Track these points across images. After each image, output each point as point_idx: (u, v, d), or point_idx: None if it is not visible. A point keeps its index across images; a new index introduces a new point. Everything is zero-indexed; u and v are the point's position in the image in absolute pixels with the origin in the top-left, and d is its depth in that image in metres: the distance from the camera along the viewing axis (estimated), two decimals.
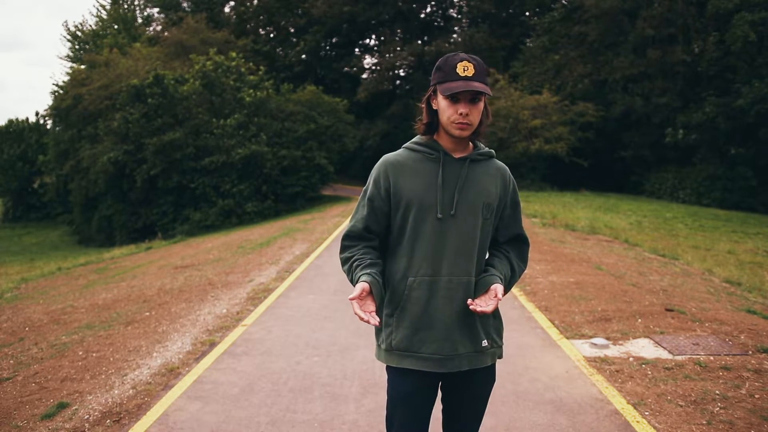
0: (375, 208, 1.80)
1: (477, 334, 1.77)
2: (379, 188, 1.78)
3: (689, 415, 3.17)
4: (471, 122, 1.70)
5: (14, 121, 38.84)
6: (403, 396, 1.79)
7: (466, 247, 1.74)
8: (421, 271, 1.73)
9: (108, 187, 25.18)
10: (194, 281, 7.87)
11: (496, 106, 25.88)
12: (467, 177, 1.75)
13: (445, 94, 1.66)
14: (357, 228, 1.82)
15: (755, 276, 7.72)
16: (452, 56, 1.70)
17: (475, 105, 1.69)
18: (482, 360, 1.80)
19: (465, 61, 1.67)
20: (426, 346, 1.73)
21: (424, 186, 1.73)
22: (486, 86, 1.68)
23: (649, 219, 15.89)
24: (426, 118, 1.78)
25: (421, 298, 1.73)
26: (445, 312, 1.73)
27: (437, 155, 1.76)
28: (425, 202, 1.73)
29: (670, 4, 25.16)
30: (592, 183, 27.49)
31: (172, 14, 39.37)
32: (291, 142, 25.13)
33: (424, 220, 1.73)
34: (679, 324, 4.83)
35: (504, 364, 4.06)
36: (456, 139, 1.74)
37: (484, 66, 1.70)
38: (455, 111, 1.68)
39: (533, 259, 8.16)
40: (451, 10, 39.71)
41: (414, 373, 1.76)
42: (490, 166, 1.82)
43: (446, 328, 1.73)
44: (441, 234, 1.72)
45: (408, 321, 1.75)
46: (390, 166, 1.78)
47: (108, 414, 3.41)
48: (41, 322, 6.27)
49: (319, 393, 3.61)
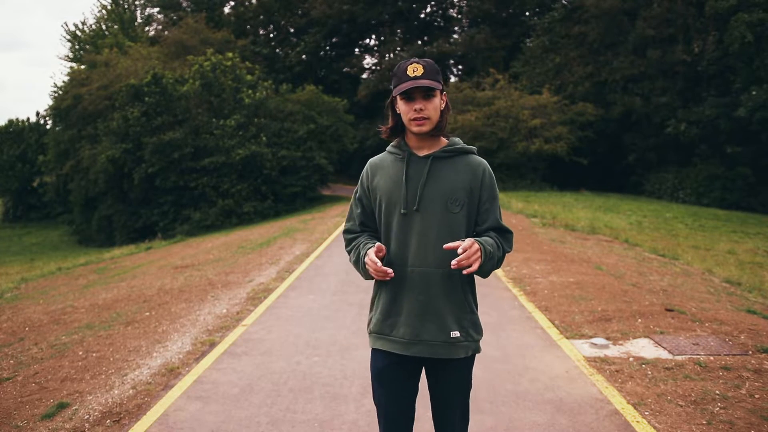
0: (365, 206, 2.01)
1: (445, 324, 1.87)
2: (364, 187, 2.01)
3: (689, 415, 3.17)
4: (427, 116, 1.83)
5: (14, 121, 38.82)
6: (376, 372, 1.98)
7: (430, 239, 1.86)
8: (392, 262, 1.89)
9: (108, 187, 25.17)
10: (194, 281, 7.87)
11: (496, 106, 25.89)
12: (430, 173, 1.88)
13: (397, 94, 1.84)
14: (354, 224, 2.04)
15: (755, 276, 7.72)
16: (404, 62, 1.85)
17: (429, 101, 1.83)
18: (453, 351, 1.89)
19: (414, 63, 1.82)
20: (395, 330, 1.91)
21: (392, 184, 1.91)
22: (435, 82, 1.81)
23: (649, 219, 15.90)
24: (390, 122, 1.95)
25: (392, 286, 1.90)
26: (411, 300, 1.87)
27: (404, 155, 1.92)
28: (392, 198, 1.90)
29: (670, 4, 25.17)
30: (592, 183, 27.49)
31: (172, 14, 39.38)
32: (291, 142, 25.13)
33: (392, 215, 1.91)
34: (679, 324, 4.83)
35: (504, 364, 4.06)
36: (419, 136, 1.89)
37: (434, 66, 1.84)
38: (411, 108, 1.83)
39: (533, 260, 8.16)
40: (451, 10, 39.73)
41: (385, 353, 1.94)
42: (460, 162, 1.92)
43: (411, 315, 1.87)
44: (406, 228, 1.88)
45: (382, 307, 1.94)
46: (370, 167, 2.01)
47: (108, 414, 3.41)
48: (41, 322, 6.27)
49: (319, 393, 3.61)
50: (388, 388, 1.96)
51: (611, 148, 28.34)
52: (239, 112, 24.20)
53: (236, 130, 23.78)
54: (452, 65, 39.99)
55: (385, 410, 1.99)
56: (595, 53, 28.32)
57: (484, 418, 3.20)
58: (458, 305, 1.89)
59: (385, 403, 1.98)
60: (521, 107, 25.58)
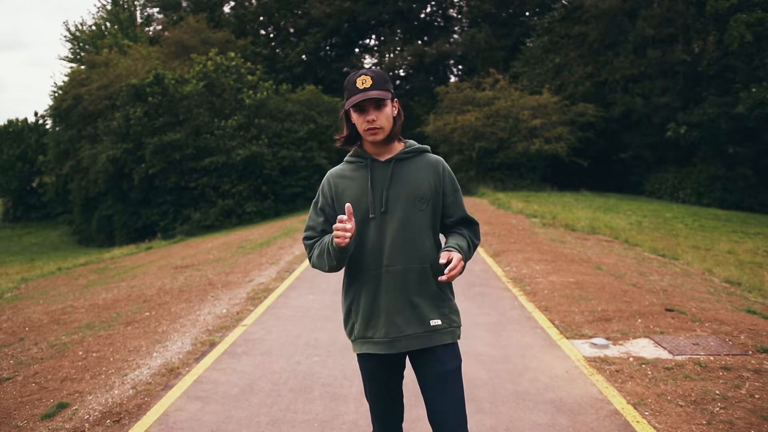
0: (327, 216, 2.03)
1: (424, 315, 1.94)
2: (326, 197, 2.03)
3: (689, 415, 3.17)
4: (380, 126, 1.89)
5: (14, 121, 38.82)
6: (367, 374, 2.06)
7: (402, 238, 1.92)
8: (367, 265, 1.94)
9: (108, 187, 25.18)
10: (194, 281, 7.87)
11: (497, 106, 25.88)
12: (394, 176, 1.95)
13: (348, 107, 1.90)
14: (315, 232, 2.05)
15: (755, 276, 7.72)
16: (354, 74, 1.91)
17: (380, 110, 1.88)
18: (437, 339, 1.95)
19: (363, 75, 1.87)
20: (377, 332, 1.95)
21: (359, 191, 1.96)
22: (384, 92, 1.86)
23: (649, 219, 15.89)
24: (345, 131, 2.01)
25: (369, 290, 1.95)
26: (389, 299, 1.93)
27: (366, 162, 1.98)
28: (361, 204, 1.95)
29: (670, 4, 25.15)
30: (592, 183, 27.47)
31: (172, 14, 39.37)
32: (291, 142, 25.13)
33: (362, 220, 1.94)
34: (679, 324, 4.83)
35: (504, 364, 4.06)
36: (375, 144, 1.95)
37: (382, 76, 1.90)
38: (364, 119, 1.89)
39: (533, 260, 8.16)
40: (451, 10, 39.69)
41: (372, 356, 2.00)
42: (420, 162, 1.99)
43: (390, 314, 1.93)
44: (378, 230, 1.94)
45: (361, 312, 1.98)
46: (332, 177, 2.04)
47: (108, 414, 3.41)
48: (41, 322, 6.27)
49: (319, 393, 3.61)
50: (381, 385, 2.06)
51: (611, 148, 28.31)
52: (240, 113, 24.20)
53: (237, 130, 23.78)
54: (452, 65, 39.98)
55: (377, 407, 2.10)
56: (595, 53, 28.30)
57: (484, 418, 3.20)
58: (435, 296, 1.97)
59: (378, 401, 2.09)
60: (521, 107, 25.56)
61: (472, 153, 25.72)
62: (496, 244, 9.70)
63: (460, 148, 26.24)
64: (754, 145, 22.95)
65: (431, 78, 37.10)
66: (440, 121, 26.90)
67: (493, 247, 9.43)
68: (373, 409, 2.12)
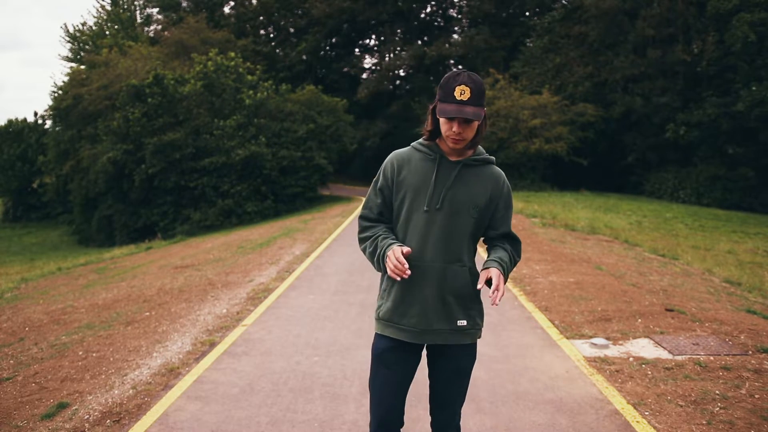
0: (385, 197, 2.05)
1: (453, 314, 1.99)
2: (387, 179, 2.04)
3: (689, 415, 3.17)
4: (464, 138, 1.91)
5: (14, 121, 38.81)
6: (379, 352, 2.05)
7: (448, 238, 1.97)
8: (410, 254, 1.93)
9: (108, 187, 25.16)
10: (194, 281, 7.87)
11: (497, 106, 25.88)
12: (458, 178, 1.98)
13: (440, 116, 1.88)
14: (372, 212, 2.08)
15: (755, 276, 7.72)
16: (453, 78, 1.86)
17: (468, 125, 1.89)
18: (460, 338, 2.02)
19: (463, 85, 1.83)
20: (406, 319, 1.99)
21: (420, 181, 1.98)
22: (478, 109, 1.85)
23: (649, 219, 15.89)
24: (430, 125, 2.01)
25: (407, 279, 1.93)
26: (425, 292, 1.96)
27: (435, 156, 2.00)
28: (419, 195, 1.97)
29: (670, 4, 25.16)
30: (592, 183, 27.48)
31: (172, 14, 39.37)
32: (291, 142, 25.13)
33: (415, 210, 1.98)
34: (679, 324, 4.83)
35: (504, 364, 4.06)
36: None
37: (481, 88, 1.86)
38: (450, 128, 1.89)
39: (533, 260, 8.16)
40: (451, 10, 39.72)
41: (391, 339, 2.02)
42: (484, 171, 2.03)
43: (424, 305, 1.97)
44: (428, 224, 1.96)
45: (394, 296, 2.01)
46: (397, 159, 2.05)
47: (108, 414, 3.41)
48: (41, 322, 6.27)
49: (319, 393, 3.61)
50: (389, 368, 2.03)
51: (611, 148, 28.32)
52: (239, 113, 24.20)
53: (236, 130, 23.78)
54: (452, 65, 39.97)
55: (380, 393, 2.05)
56: (595, 53, 28.31)
57: (484, 418, 3.20)
58: (468, 297, 2.01)
59: (382, 385, 2.04)
60: (521, 107, 25.57)
61: None
62: None
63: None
64: (754, 145, 22.96)
65: (431, 78, 37.11)
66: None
67: None
68: (373, 397, 2.07)
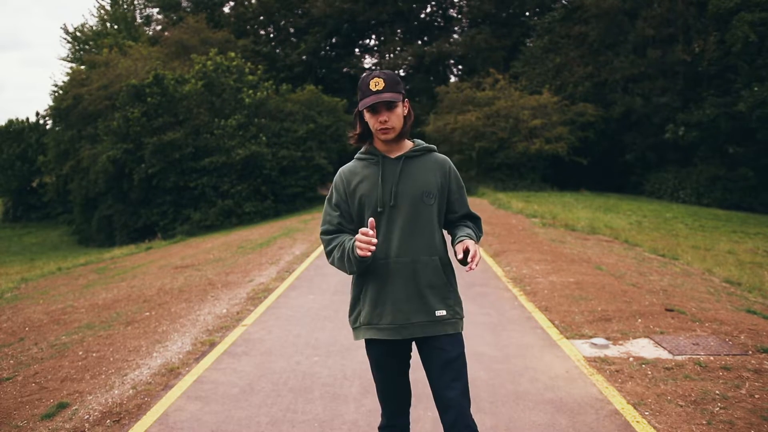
0: (342, 210, 2.14)
1: (430, 306, 2.04)
2: (340, 193, 2.14)
3: (689, 415, 3.17)
4: (392, 126, 2.01)
5: (14, 121, 38.80)
6: (374, 360, 2.15)
7: (409, 231, 2.04)
8: (376, 256, 2.03)
9: (108, 187, 25.16)
10: (194, 281, 7.87)
11: (497, 106, 25.88)
12: (403, 172, 2.07)
13: (361, 109, 2.02)
14: (332, 225, 2.14)
15: (755, 276, 7.72)
16: (367, 75, 2.00)
17: (392, 111, 2.00)
18: (441, 328, 2.06)
19: (376, 77, 1.98)
20: (383, 318, 2.05)
21: (371, 186, 2.07)
22: (395, 94, 1.98)
23: (649, 219, 15.89)
24: (358, 129, 2.12)
25: (377, 279, 2.05)
26: (396, 288, 2.03)
27: (377, 159, 2.09)
28: (372, 198, 2.06)
29: (671, 4, 25.15)
30: (592, 183, 27.47)
31: (172, 14, 39.36)
32: (291, 142, 25.13)
33: (374, 213, 2.06)
34: (679, 324, 4.83)
35: (504, 364, 4.06)
36: (386, 142, 2.07)
37: (394, 77, 2.00)
38: (376, 120, 2.00)
39: (533, 260, 8.16)
40: (451, 10, 39.70)
41: (378, 341, 2.09)
42: (427, 160, 2.12)
43: (398, 301, 2.03)
44: (387, 223, 2.05)
45: (369, 299, 2.08)
46: (344, 173, 2.16)
47: (108, 414, 3.41)
48: (41, 322, 6.27)
49: (319, 393, 3.61)
50: (388, 372, 2.15)
51: (611, 148, 28.31)
52: (240, 113, 24.20)
53: (236, 130, 23.78)
54: (452, 65, 39.99)
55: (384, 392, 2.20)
56: (595, 53, 28.30)
57: (484, 418, 3.20)
58: (442, 287, 2.07)
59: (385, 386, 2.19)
60: (521, 107, 25.56)
61: (473, 153, 25.74)
62: (496, 244, 9.70)
63: (461, 148, 26.25)
64: (754, 145, 22.95)
65: (431, 78, 37.11)
66: (440, 121, 26.91)
67: (493, 247, 9.43)
68: (380, 393, 2.22)
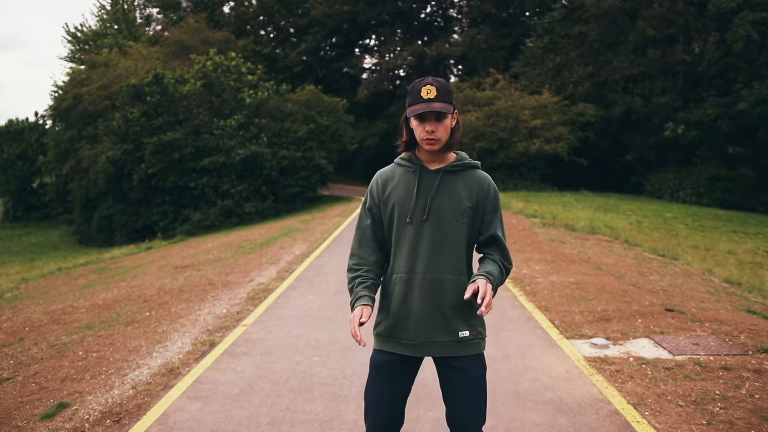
0: (374, 216, 2.07)
1: (454, 325, 1.97)
2: (374, 198, 2.07)
3: (689, 415, 3.17)
4: (438, 138, 1.92)
5: (14, 121, 38.82)
6: (376, 365, 2.04)
7: (440, 248, 1.96)
8: (401, 269, 1.99)
9: (108, 187, 25.18)
10: (194, 281, 7.87)
11: (497, 106, 25.89)
12: (441, 186, 1.99)
13: (410, 116, 1.92)
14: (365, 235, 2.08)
15: (755, 276, 7.72)
16: (419, 81, 1.93)
17: (440, 122, 1.91)
18: (464, 349, 1.98)
19: (428, 84, 1.89)
20: (404, 333, 1.98)
21: (405, 195, 2.00)
22: (447, 104, 1.89)
23: (649, 219, 15.89)
24: (405, 136, 2.03)
25: (400, 292, 1.98)
26: (420, 305, 1.96)
27: (415, 168, 2.01)
28: (404, 208, 1.99)
29: (671, 4, 25.15)
30: (592, 183, 27.48)
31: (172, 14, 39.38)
32: (291, 142, 25.14)
33: (403, 224, 1.99)
34: (679, 324, 4.83)
35: (504, 364, 4.06)
36: (430, 152, 1.99)
37: (447, 87, 1.92)
38: (423, 129, 1.92)
39: (533, 260, 8.16)
40: (451, 10, 39.73)
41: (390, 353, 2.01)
42: (468, 176, 2.03)
43: (420, 319, 1.96)
44: (416, 236, 1.97)
45: (391, 312, 2.01)
46: (381, 177, 2.09)
47: (108, 414, 3.41)
48: (41, 322, 6.27)
49: (319, 393, 3.61)
50: (387, 380, 2.02)
51: (611, 148, 28.31)
52: (240, 113, 24.20)
53: (237, 130, 23.78)
54: (452, 65, 39.99)
55: (376, 406, 2.02)
56: (595, 53, 28.30)
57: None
58: (466, 307, 1.98)
59: (378, 398, 2.02)
60: (521, 107, 25.57)
61: (473, 153, 25.68)
62: None
63: (460, 148, 26.10)
64: (755, 145, 22.95)
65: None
66: None
67: None
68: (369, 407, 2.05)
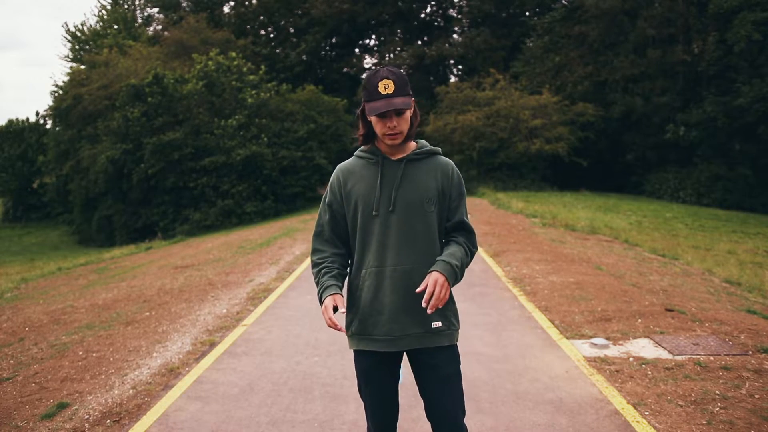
0: (334, 211, 2.03)
1: (426, 317, 1.93)
2: (335, 193, 2.03)
3: (689, 415, 3.17)
4: (400, 131, 1.89)
5: (14, 121, 38.81)
6: (363, 371, 2.04)
7: (407, 238, 1.92)
8: (370, 263, 1.95)
9: (108, 187, 25.18)
10: (194, 281, 7.87)
11: (497, 106, 25.88)
12: (404, 176, 1.95)
13: (371, 115, 1.85)
14: (324, 229, 2.07)
15: (755, 276, 7.71)
16: (374, 75, 1.86)
17: (401, 116, 1.87)
18: (436, 340, 1.96)
19: (385, 79, 1.83)
20: (377, 328, 1.95)
21: (368, 187, 1.96)
22: (406, 98, 1.85)
23: (649, 219, 15.89)
24: (362, 129, 1.99)
25: (371, 286, 1.95)
26: (392, 298, 1.92)
27: (377, 159, 1.97)
28: (368, 201, 1.95)
29: (671, 4, 25.15)
30: (592, 183, 27.47)
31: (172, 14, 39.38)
32: (291, 142, 25.14)
33: (369, 217, 1.95)
34: (679, 324, 4.83)
35: (504, 364, 4.06)
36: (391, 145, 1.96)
37: (403, 78, 1.86)
38: (384, 125, 1.87)
39: (533, 260, 8.16)
40: (451, 10, 39.69)
41: (369, 353, 2.00)
42: (431, 163, 2.00)
43: (394, 312, 1.92)
44: (384, 228, 1.93)
45: (362, 308, 1.97)
46: (341, 171, 2.04)
47: (108, 414, 3.41)
48: (41, 322, 6.27)
49: (319, 393, 3.61)
50: (377, 386, 2.03)
51: (611, 148, 28.31)
52: (240, 113, 24.21)
53: (237, 130, 23.78)
54: (452, 65, 39.97)
55: (373, 406, 2.06)
56: (595, 53, 28.29)
57: (484, 418, 3.20)
58: None
59: (373, 400, 2.05)
60: (521, 107, 25.56)
61: (473, 153, 25.73)
62: (496, 244, 9.70)
63: (461, 148, 26.24)
64: (755, 145, 22.95)
65: (431, 78, 37.09)
66: (440, 121, 26.89)
67: (493, 247, 9.42)
68: (368, 408, 2.09)
